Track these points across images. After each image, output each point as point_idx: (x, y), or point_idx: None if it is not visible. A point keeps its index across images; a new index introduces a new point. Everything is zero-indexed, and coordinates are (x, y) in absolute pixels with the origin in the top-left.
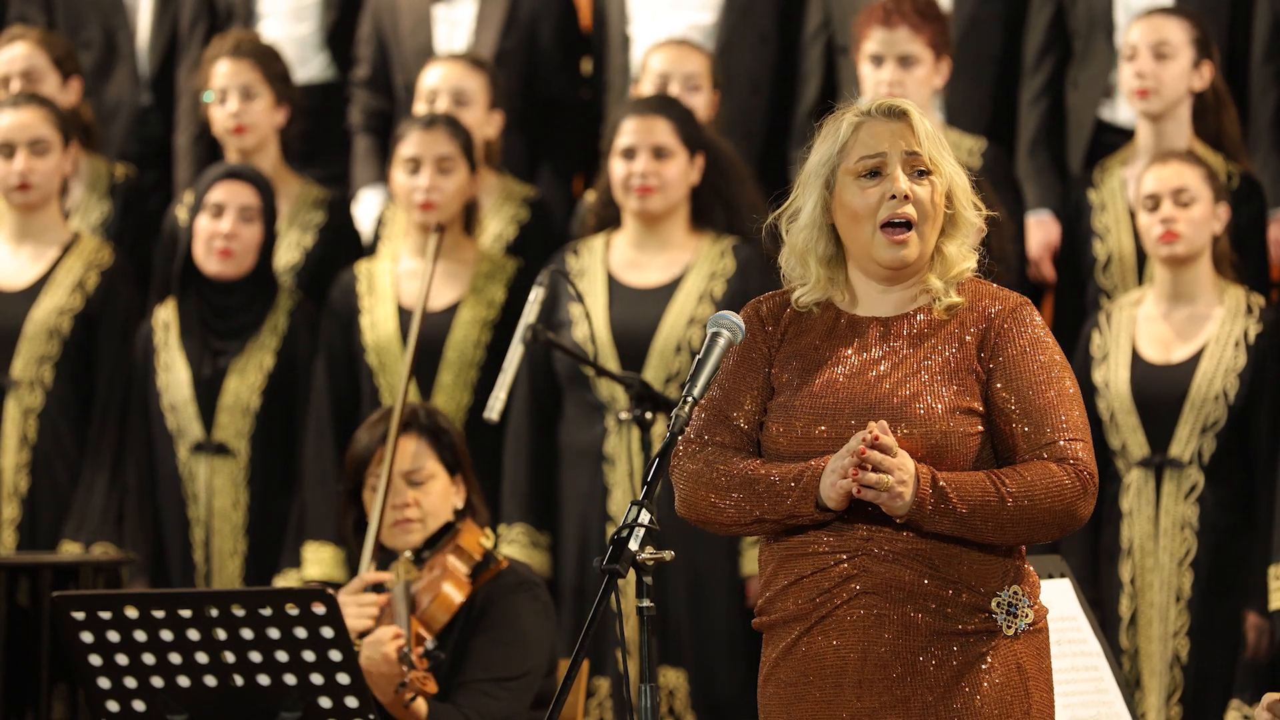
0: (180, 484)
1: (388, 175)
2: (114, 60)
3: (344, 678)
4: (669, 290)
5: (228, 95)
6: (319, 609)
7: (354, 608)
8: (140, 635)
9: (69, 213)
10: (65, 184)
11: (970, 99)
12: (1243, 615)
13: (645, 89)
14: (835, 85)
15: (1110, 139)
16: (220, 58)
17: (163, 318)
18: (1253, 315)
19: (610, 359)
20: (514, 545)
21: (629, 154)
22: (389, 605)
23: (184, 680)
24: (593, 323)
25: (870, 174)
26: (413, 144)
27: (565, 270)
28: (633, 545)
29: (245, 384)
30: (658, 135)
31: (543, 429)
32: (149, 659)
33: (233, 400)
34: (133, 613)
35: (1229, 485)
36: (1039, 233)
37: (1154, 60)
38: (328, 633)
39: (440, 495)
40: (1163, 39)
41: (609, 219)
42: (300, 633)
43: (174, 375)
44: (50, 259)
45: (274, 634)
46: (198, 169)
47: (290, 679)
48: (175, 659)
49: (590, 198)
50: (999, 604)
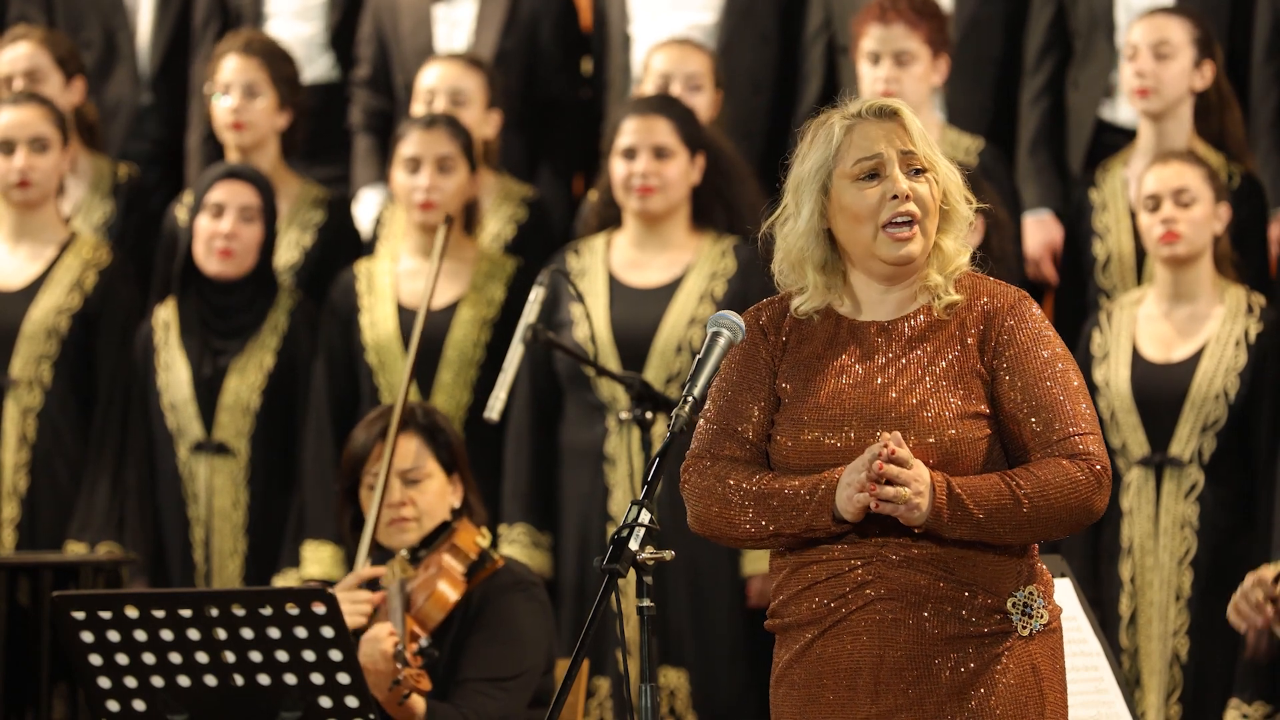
0: (180, 483)
1: (387, 175)
2: (114, 60)
3: (344, 677)
4: (670, 290)
5: (231, 91)
6: (319, 609)
7: (348, 604)
8: (140, 635)
9: (72, 212)
10: (63, 183)
11: (971, 99)
12: None
13: (647, 89)
14: (836, 85)
15: (1111, 139)
16: (230, 53)
17: (163, 317)
18: (1253, 315)
19: (611, 359)
20: (515, 545)
21: (630, 154)
22: (384, 603)
23: (184, 680)
24: (593, 322)
25: (868, 176)
26: (413, 144)
27: (566, 270)
28: (633, 545)
29: (245, 383)
30: (658, 135)
31: (543, 429)
32: (149, 659)
33: (233, 400)
34: (133, 612)
35: (1229, 484)
36: (1039, 232)
37: (1154, 60)
38: (328, 632)
39: (437, 494)
40: (1163, 38)
41: (610, 219)
42: (300, 632)
43: (174, 375)
44: (48, 258)
45: (274, 634)
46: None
47: (290, 678)
48: (175, 659)
49: (593, 197)
50: (1014, 604)
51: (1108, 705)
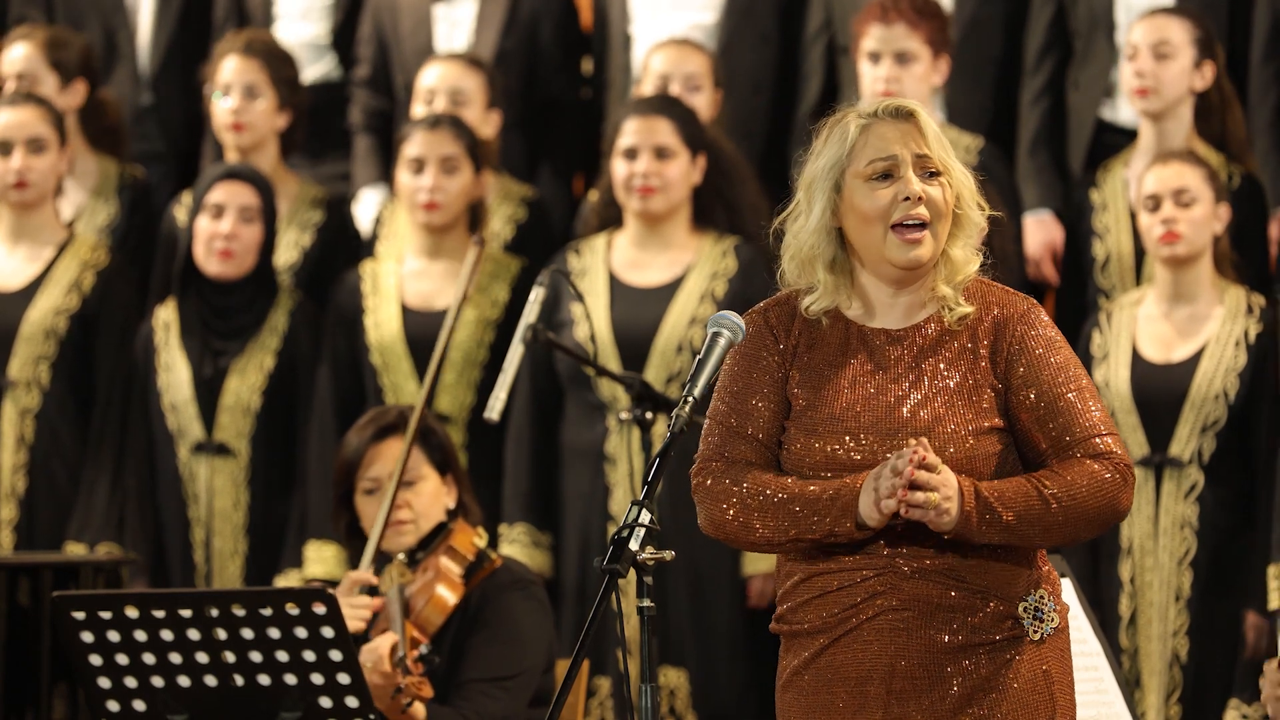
0: (181, 484)
1: (387, 175)
2: (114, 60)
3: (344, 677)
4: (670, 290)
5: (231, 91)
6: (319, 609)
7: (348, 609)
8: (140, 635)
9: (77, 213)
10: (61, 184)
11: (971, 99)
12: (1242, 615)
13: (646, 89)
14: (836, 85)
15: (1111, 139)
16: (230, 54)
17: (163, 318)
18: (1253, 315)
19: (611, 359)
20: (515, 545)
21: (631, 154)
22: (383, 609)
23: (184, 680)
24: (594, 322)
25: (881, 176)
26: (417, 144)
27: (566, 270)
28: (633, 545)
29: (246, 384)
30: (659, 135)
31: (544, 429)
32: (149, 659)
33: (233, 400)
34: (133, 613)
35: (1229, 485)
36: (1040, 233)
37: (1154, 60)
38: (328, 633)
39: (431, 496)
40: (1163, 39)
41: (611, 219)
42: (301, 633)
43: (174, 375)
44: (46, 259)
45: (274, 634)
46: None
47: (290, 679)
48: (175, 659)
49: (593, 197)
50: (1025, 609)
51: (1108, 705)
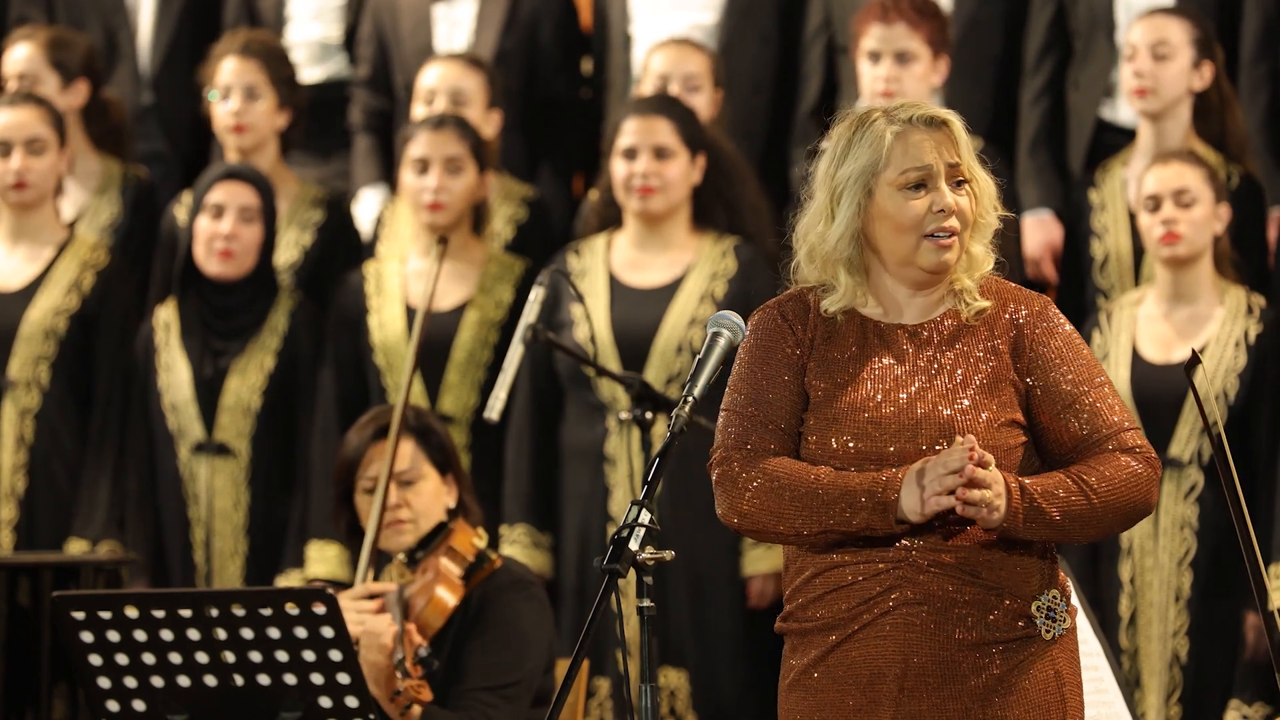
0: (181, 484)
1: (387, 175)
2: (114, 60)
3: (344, 678)
4: (670, 290)
5: (231, 93)
6: (319, 609)
7: (353, 614)
8: (140, 635)
9: (79, 212)
10: (60, 184)
11: (970, 99)
12: (1242, 615)
13: (646, 89)
14: (836, 85)
15: (1111, 139)
16: (227, 55)
17: (163, 318)
18: (1253, 315)
19: (611, 359)
20: (515, 545)
21: (630, 154)
22: (382, 609)
23: (184, 680)
24: (594, 323)
25: (915, 186)
26: (421, 145)
27: (566, 270)
28: (633, 545)
29: (246, 384)
30: (659, 136)
31: (544, 429)
32: (149, 659)
33: (234, 400)
34: (133, 612)
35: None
36: (1039, 232)
37: (1153, 60)
38: (328, 633)
39: (431, 495)
40: (1162, 39)
41: (610, 219)
42: (300, 632)
43: (175, 375)
44: (46, 259)
45: (274, 634)
46: None
47: (290, 679)
48: (175, 659)
49: (593, 197)
50: (1039, 608)
51: (1108, 705)
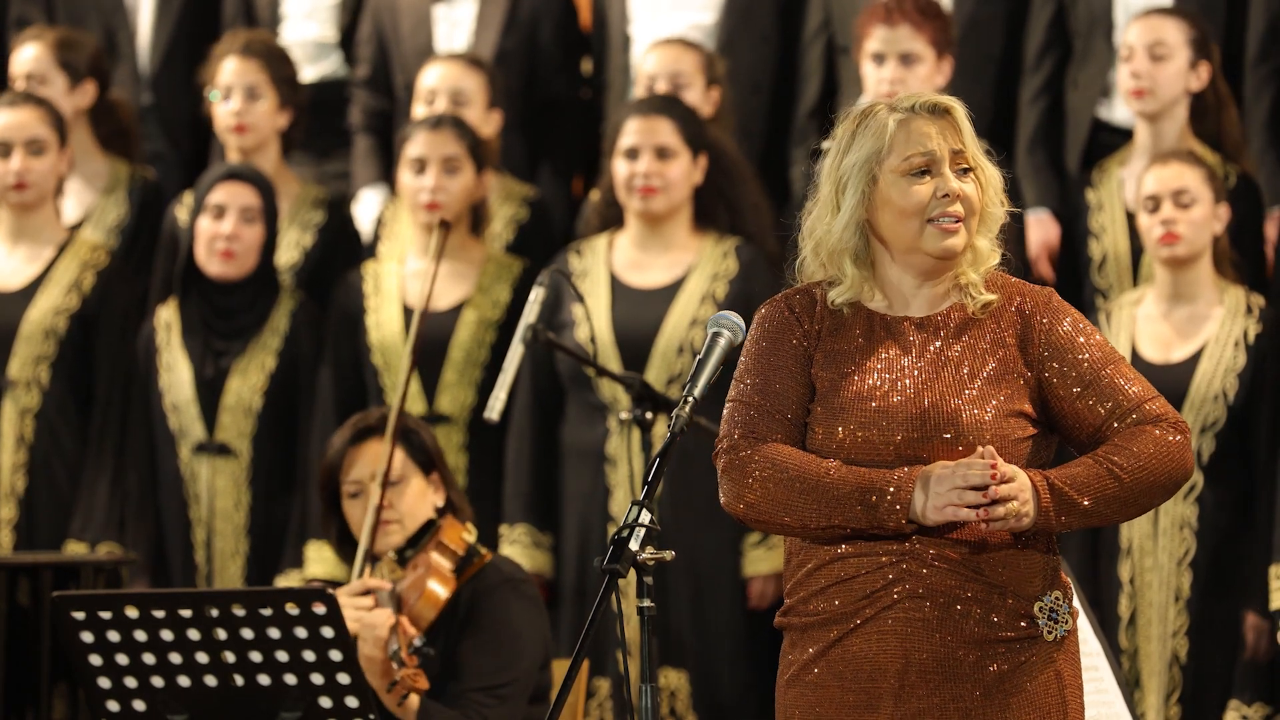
0: (182, 484)
1: (387, 175)
2: (114, 60)
3: (344, 678)
4: (671, 291)
5: (232, 94)
6: (319, 609)
7: (350, 610)
8: (140, 635)
9: (85, 213)
10: (61, 184)
11: (971, 99)
12: (1242, 615)
13: (639, 91)
14: (835, 85)
15: (1108, 139)
16: (228, 55)
17: (164, 318)
18: (1252, 315)
19: (612, 359)
20: (516, 545)
21: (632, 154)
22: (378, 606)
23: (184, 680)
24: (594, 323)
25: (919, 172)
26: (419, 144)
27: (566, 270)
28: (633, 545)
29: (247, 384)
30: (661, 136)
31: (545, 429)
32: (149, 659)
33: (235, 400)
34: (133, 613)
35: (1228, 485)
36: (1037, 232)
37: (1150, 61)
38: (328, 633)
39: (416, 495)
40: (1159, 39)
41: (611, 219)
42: (300, 633)
43: (176, 376)
44: (46, 259)
45: (274, 634)
46: None
47: (290, 679)
48: (175, 659)
49: (595, 198)
50: (1041, 609)
51: (1108, 705)
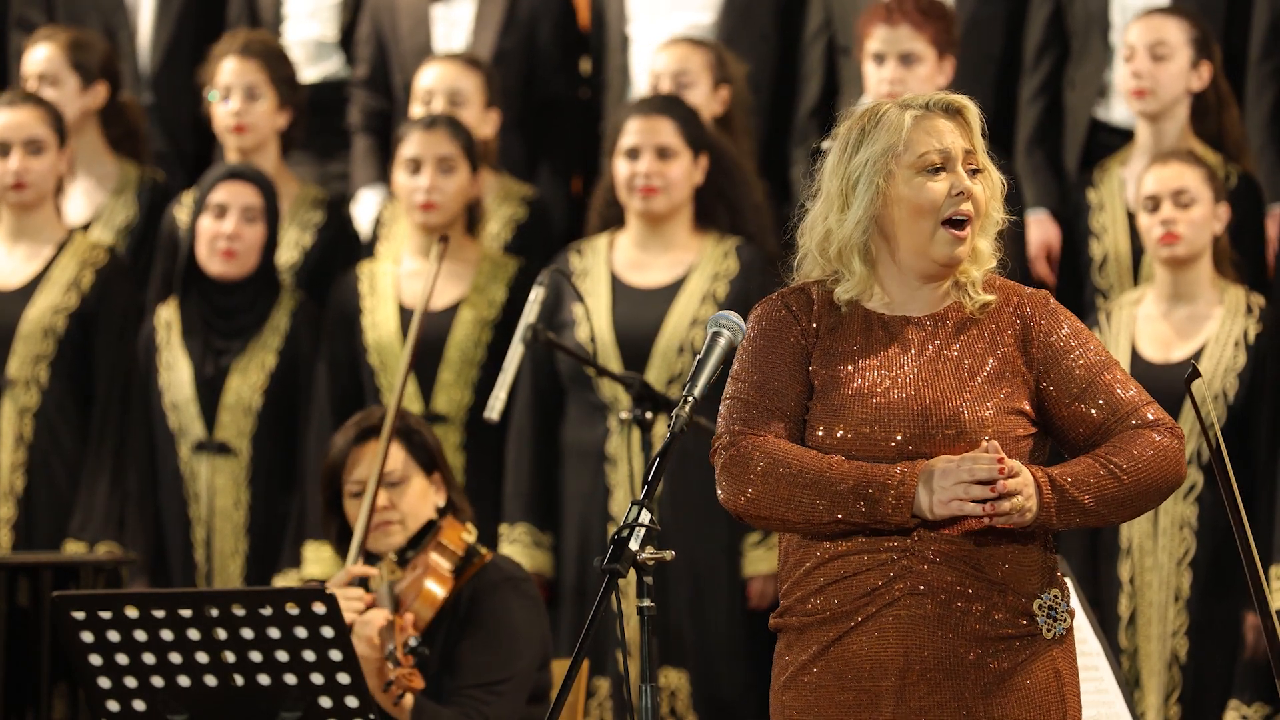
0: (182, 483)
1: (386, 175)
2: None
3: (344, 677)
4: (672, 291)
5: (231, 94)
6: (319, 609)
7: (343, 601)
8: (140, 635)
9: (95, 214)
10: (61, 184)
11: (970, 98)
12: (1242, 615)
13: (646, 89)
14: (836, 85)
15: (1106, 139)
16: (227, 55)
17: (165, 317)
18: (1252, 315)
19: (613, 359)
20: (516, 545)
21: (633, 154)
22: (374, 605)
23: (184, 680)
24: (595, 323)
25: (933, 169)
26: (414, 144)
27: (566, 270)
28: (633, 545)
29: (247, 383)
30: (662, 135)
31: (545, 429)
32: (149, 659)
33: (235, 400)
34: (133, 612)
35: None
36: (1036, 232)
37: (1151, 60)
38: (328, 632)
39: (417, 495)
40: (1160, 39)
41: (612, 219)
42: (300, 632)
43: (176, 375)
44: (45, 258)
45: (274, 634)
46: None
47: (290, 679)
48: (175, 659)
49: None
50: (1040, 607)
51: (1108, 705)
